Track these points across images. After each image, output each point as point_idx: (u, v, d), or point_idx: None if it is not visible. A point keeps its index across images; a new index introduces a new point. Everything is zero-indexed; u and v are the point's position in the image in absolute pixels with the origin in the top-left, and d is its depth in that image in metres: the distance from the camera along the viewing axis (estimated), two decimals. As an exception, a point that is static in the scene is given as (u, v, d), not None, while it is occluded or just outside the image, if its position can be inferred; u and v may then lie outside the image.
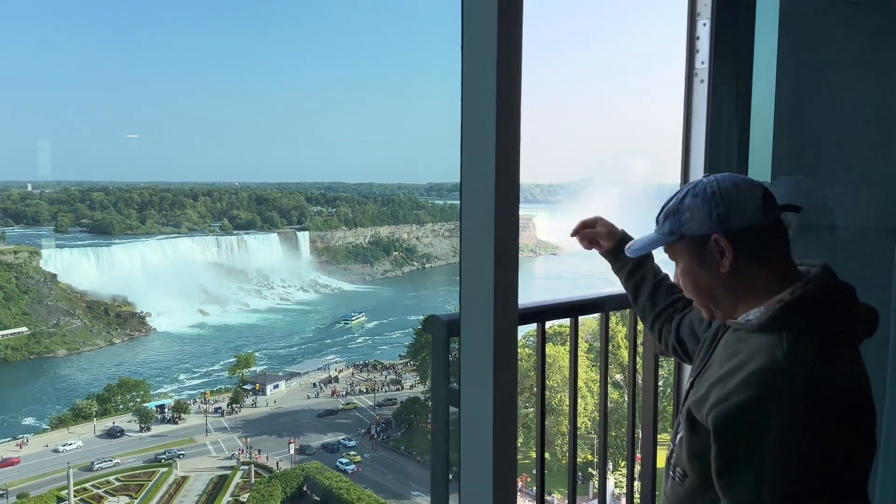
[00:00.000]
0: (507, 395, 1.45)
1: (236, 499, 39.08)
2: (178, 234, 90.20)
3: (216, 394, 54.32)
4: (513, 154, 1.40)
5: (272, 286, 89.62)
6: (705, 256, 1.55)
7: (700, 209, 1.54)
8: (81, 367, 63.72)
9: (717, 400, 1.43)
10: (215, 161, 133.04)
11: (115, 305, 73.47)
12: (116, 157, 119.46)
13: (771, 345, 1.43)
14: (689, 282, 1.61)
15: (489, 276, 1.41)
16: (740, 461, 1.39)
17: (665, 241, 1.60)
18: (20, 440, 46.18)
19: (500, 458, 1.43)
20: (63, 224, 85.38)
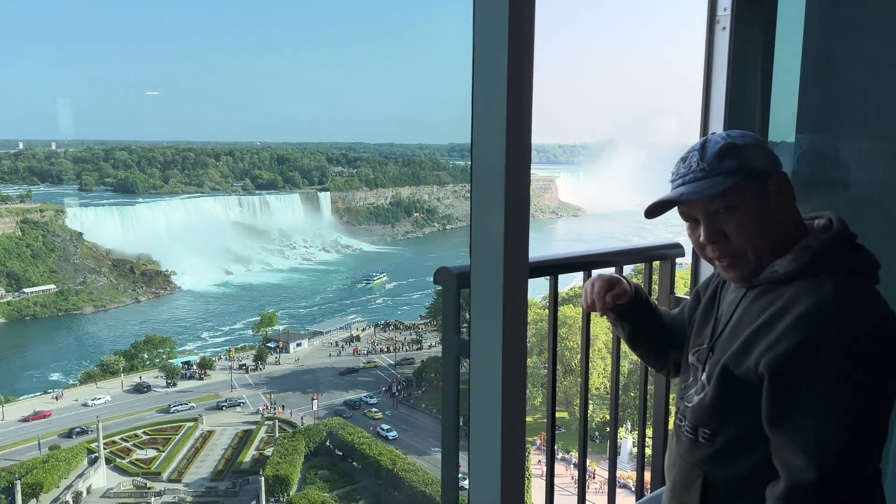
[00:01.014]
0: (517, 345, 1.45)
1: (261, 452, 40.06)
2: (200, 194, 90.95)
3: (240, 351, 55.34)
4: (525, 97, 1.37)
5: (294, 246, 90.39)
6: (768, 196, 1.52)
7: (757, 146, 1.53)
8: (108, 323, 65.13)
9: (767, 346, 1.41)
10: (236, 120, 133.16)
11: (140, 264, 74.67)
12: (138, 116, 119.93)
13: (813, 287, 1.41)
14: (754, 226, 1.51)
15: (499, 227, 1.39)
16: (802, 403, 1.37)
17: (730, 182, 1.49)
18: (55, 393, 47.62)
19: (509, 408, 1.44)
20: (87, 183, 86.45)
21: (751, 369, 1.45)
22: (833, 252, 1.48)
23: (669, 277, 2.48)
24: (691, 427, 1.62)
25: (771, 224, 1.52)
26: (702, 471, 1.60)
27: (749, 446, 1.51)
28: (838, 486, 1.35)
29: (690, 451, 1.63)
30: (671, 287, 2.54)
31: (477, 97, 1.43)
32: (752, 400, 1.46)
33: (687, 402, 1.65)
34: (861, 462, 1.37)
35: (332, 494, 35.68)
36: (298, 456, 37.89)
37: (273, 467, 36.34)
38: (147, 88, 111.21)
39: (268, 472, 35.85)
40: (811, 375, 1.35)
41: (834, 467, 1.35)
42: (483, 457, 1.50)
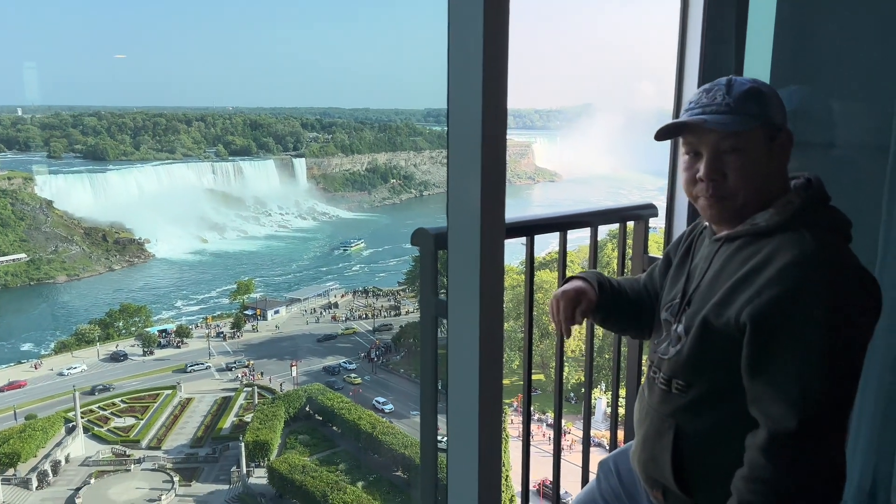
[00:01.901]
0: (494, 305, 1.46)
1: (241, 419, 40.22)
2: (173, 161, 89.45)
3: (217, 319, 55.10)
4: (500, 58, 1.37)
5: (270, 213, 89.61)
6: (774, 149, 1.54)
7: (778, 100, 1.55)
8: (81, 292, 64.35)
9: (749, 297, 1.42)
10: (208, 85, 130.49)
11: (112, 232, 73.59)
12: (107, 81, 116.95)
13: (795, 241, 1.44)
14: (755, 172, 1.52)
15: (476, 187, 1.40)
16: (784, 352, 1.39)
17: (748, 124, 1.50)
18: (34, 362, 47.20)
19: (486, 367, 1.46)
20: (56, 150, 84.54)
21: (731, 321, 1.46)
22: (813, 209, 1.51)
23: (643, 237, 2.51)
24: (665, 378, 1.64)
25: (767, 176, 1.55)
26: (674, 421, 1.62)
27: (722, 398, 1.54)
28: (818, 433, 1.39)
29: (663, 402, 1.65)
30: (644, 247, 2.57)
31: (452, 60, 1.42)
32: (730, 352, 1.47)
33: (662, 354, 1.67)
34: (840, 410, 1.41)
35: (313, 458, 36.03)
36: (278, 421, 38.11)
37: (253, 433, 36.54)
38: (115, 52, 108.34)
39: (248, 438, 36.05)
40: (793, 325, 1.38)
41: (814, 415, 1.38)
42: (461, 417, 1.52)
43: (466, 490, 1.54)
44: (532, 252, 2.02)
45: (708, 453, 1.60)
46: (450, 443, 1.56)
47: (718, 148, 1.54)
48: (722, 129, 1.52)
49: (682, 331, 1.61)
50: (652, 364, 1.72)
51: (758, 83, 1.55)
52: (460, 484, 1.56)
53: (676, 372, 1.61)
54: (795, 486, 1.41)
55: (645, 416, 1.73)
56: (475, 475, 1.50)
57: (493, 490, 1.54)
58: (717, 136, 1.53)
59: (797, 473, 1.41)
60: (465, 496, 1.55)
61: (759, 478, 1.43)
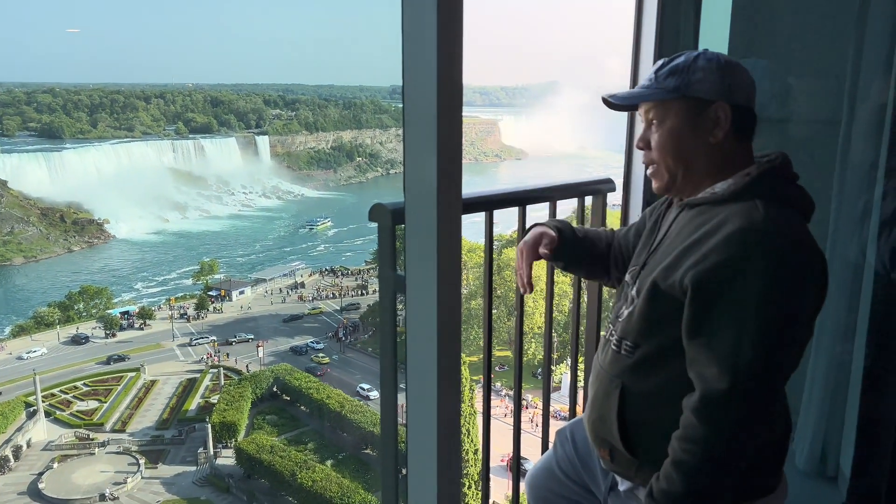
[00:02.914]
0: (452, 280, 1.47)
1: (207, 400, 39.89)
2: (131, 139, 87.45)
3: (181, 300, 54.38)
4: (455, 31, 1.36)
5: (233, 192, 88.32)
6: (699, 122, 1.55)
7: (713, 73, 1.54)
8: (39, 274, 62.82)
9: (695, 262, 1.45)
10: (166, 61, 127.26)
11: (70, 212, 71.84)
12: (61, 57, 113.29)
13: (745, 210, 1.45)
14: (670, 143, 1.57)
15: (432, 163, 1.39)
16: (722, 317, 1.42)
17: (663, 97, 1.56)
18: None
19: (444, 342, 1.47)
20: (9, 128, 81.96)
21: (676, 284, 1.48)
22: (769, 180, 1.52)
23: (601, 212, 2.53)
24: (617, 339, 1.67)
25: (691, 149, 1.57)
26: (620, 381, 1.65)
27: (666, 359, 1.56)
28: (749, 396, 1.42)
29: (613, 362, 1.68)
30: (603, 221, 2.59)
31: (406, 34, 1.40)
32: (674, 315, 1.50)
33: (618, 315, 1.70)
34: (772, 377, 1.44)
35: (281, 438, 36.00)
36: (245, 402, 37.90)
37: (219, 414, 36.30)
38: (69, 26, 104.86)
39: (214, 419, 35.81)
40: (733, 291, 1.40)
41: (745, 378, 1.41)
42: (419, 392, 1.53)
43: (426, 464, 1.55)
44: (491, 227, 2.02)
45: (651, 414, 1.63)
46: (409, 418, 1.57)
47: (647, 119, 1.61)
48: (619, 101, 1.63)
49: (636, 293, 1.64)
50: (609, 326, 1.76)
51: (701, 57, 1.56)
52: (420, 460, 1.57)
53: (627, 333, 1.64)
54: (726, 446, 1.44)
55: (596, 377, 1.76)
56: (434, 450, 1.52)
57: (452, 465, 1.55)
58: (645, 108, 1.61)
59: (727, 434, 1.44)
60: (425, 470, 1.56)
61: (691, 437, 1.46)
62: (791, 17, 2.83)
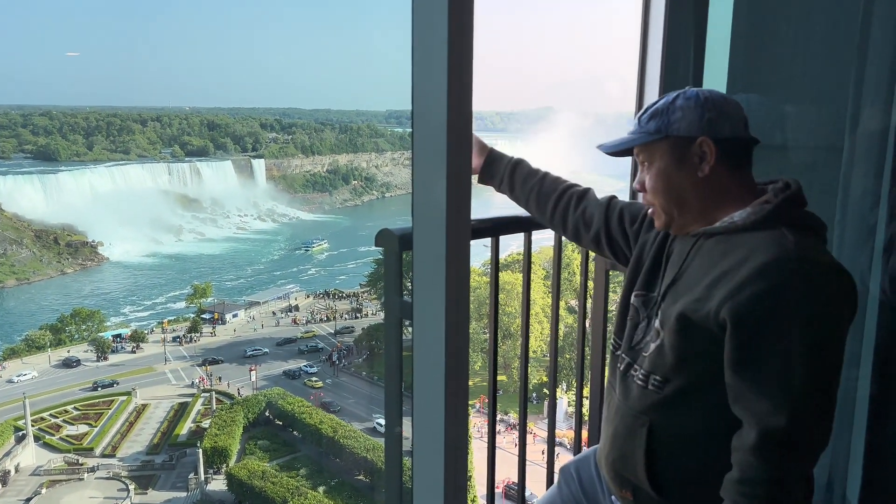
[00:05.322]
0: (460, 306, 1.45)
1: (198, 425, 39.49)
2: (127, 161, 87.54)
3: (174, 323, 54.05)
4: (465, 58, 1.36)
5: (228, 215, 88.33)
6: (685, 159, 1.55)
7: (692, 111, 1.55)
8: (31, 297, 62.40)
9: (729, 293, 1.41)
10: (164, 84, 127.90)
11: (64, 234, 71.63)
12: (58, 79, 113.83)
13: (774, 238, 1.43)
14: (660, 184, 1.59)
15: (441, 189, 1.38)
16: (768, 349, 1.38)
17: (647, 139, 1.58)
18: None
19: (452, 370, 1.44)
20: (5, 150, 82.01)
21: (710, 316, 1.44)
22: (791, 209, 1.51)
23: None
24: (644, 374, 1.62)
25: (682, 187, 1.57)
26: (648, 419, 1.60)
27: (698, 395, 1.53)
28: (807, 428, 1.38)
29: (639, 398, 1.62)
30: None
31: (417, 60, 1.40)
32: (707, 348, 1.47)
33: (643, 350, 1.65)
34: (826, 404, 1.40)
35: (273, 464, 35.57)
36: (237, 427, 37.52)
37: (211, 439, 35.90)
38: (67, 49, 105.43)
39: (206, 444, 35.40)
40: (777, 321, 1.37)
41: (803, 410, 1.37)
42: (426, 421, 1.50)
43: (432, 494, 1.52)
44: (497, 253, 2.01)
45: (682, 452, 1.59)
46: (415, 446, 1.54)
47: (640, 162, 1.64)
48: (606, 150, 1.68)
49: (659, 325, 1.60)
50: (626, 359, 1.70)
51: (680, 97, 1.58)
52: (426, 487, 1.54)
53: (656, 368, 1.59)
54: (790, 485, 1.40)
55: (615, 414, 1.71)
56: (441, 478, 1.49)
57: (459, 493, 1.52)
58: (636, 153, 1.64)
59: (792, 472, 1.40)
60: (431, 500, 1.53)
61: (751, 479, 1.41)
62: (792, 45, 2.86)
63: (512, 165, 2.08)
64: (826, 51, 2.77)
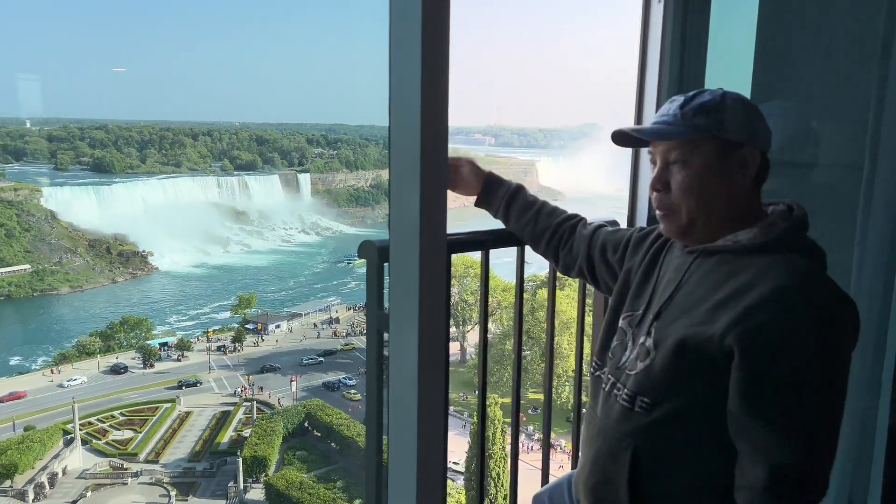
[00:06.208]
0: (434, 318, 1.45)
1: (239, 433, 40.05)
2: (178, 174, 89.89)
3: (218, 332, 55.09)
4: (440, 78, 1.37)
5: (273, 228, 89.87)
6: (727, 166, 1.47)
7: (741, 114, 1.48)
8: (84, 304, 64.36)
9: (736, 320, 1.34)
10: (215, 100, 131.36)
11: (116, 244, 73.80)
12: (115, 94, 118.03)
13: (784, 264, 1.38)
14: (697, 186, 1.48)
15: (415, 203, 1.39)
16: (778, 382, 1.32)
17: (694, 135, 1.47)
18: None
19: (425, 380, 1.44)
20: (63, 162, 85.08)
21: (713, 341, 1.37)
22: (799, 234, 1.47)
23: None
24: (629, 395, 1.54)
25: (716, 194, 1.49)
26: (632, 441, 1.53)
27: (688, 421, 1.47)
28: (819, 465, 1.34)
29: (623, 420, 1.55)
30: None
31: (393, 77, 1.42)
32: (705, 373, 1.41)
33: (628, 369, 1.57)
34: (836, 439, 1.35)
35: (310, 475, 35.82)
36: (276, 437, 37.95)
37: (251, 448, 36.38)
38: (125, 65, 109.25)
39: (245, 453, 35.88)
40: (788, 351, 1.31)
41: (816, 447, 1.33)
42: (400, 434, 1.50)
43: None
44: (487, 266, 2.01)
45: (666, 479, 1.52)
46: (391, 459, 1.54)
47: (667, 158, 1.51)
48: (652, 138, 1.52)
49: (652, 345, 1.52)
50: (614, 379, 1.63)
51: (721, 97, 1.49)
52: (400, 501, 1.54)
53: (644, 389, 1.51)
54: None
55: (596, 435, 1.64)
56: (413, 494, 1.48)
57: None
58: (666, 147, 1.51)
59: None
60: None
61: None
62: (814, 60, 2.79)
63: (509, 196, 2.01)
64: (847, 67, 2.70)
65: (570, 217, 2.00)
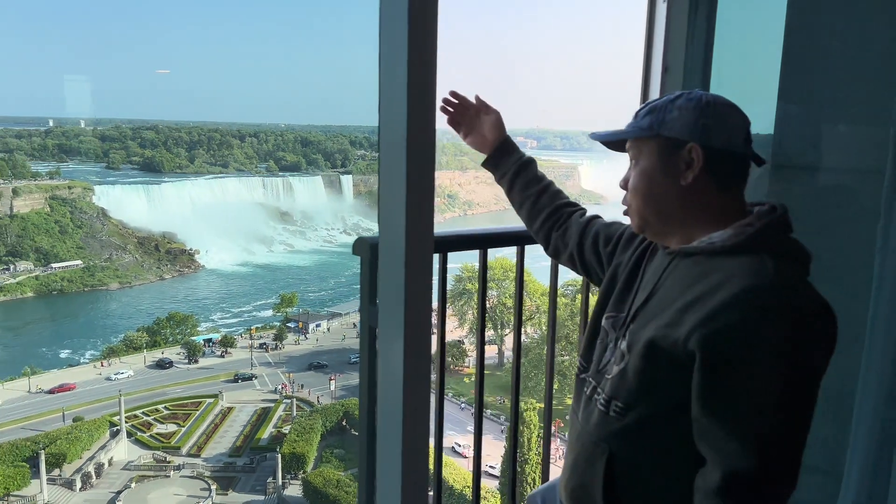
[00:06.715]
0: (420, 317, 1.47)
1: (279, 430, 40.61)
2: (225, 174, 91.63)
3: (261, 330, 55.98)
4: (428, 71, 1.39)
5: (316, 228, 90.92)
6: (671, 162, 1.47)
7: (689, 113, 1.46)
8: (132, 300, 66.13)
9: (700, 321, 1.31)
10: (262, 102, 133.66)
11: (165, 242, 75.60)
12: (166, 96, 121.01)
13: (752, 265, 1.34)
14: (642, 185, 1.52)
15: (401, 202, 1.41)
16: (739, 384, 1.29)
17: (637, 134, 1.51)
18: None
19: (411, 377, 1.46)
20: (115, 161, 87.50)
21: (679, 343, 1.34)
22: (774, 234, 1.43)
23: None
24: (606, 399, 1.52)
25: (662, 192, 1.49)
26: (608, 446, 1.51)
27: (661, 425, 1.44)
28: (776, 471, 1.30)
29: (600, 424, 1.54)
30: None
31: (382, 80, 1.44)
32: (674, 376, 1.37)
33: (607, 372, 1.56)
34: (797, 447, 1.32)
35: (347, 473, 36.09)
36: (315, 434, 38.36)
37: (290, 445, 36.85)
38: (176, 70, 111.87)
39: (285, 450, 36.36)
40: (750, 354, 1.28)
41: (772, 452, 1.29)
42: (388, 432, 1.52)
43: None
44: (485, 264, 2.02)
45: (641, 484, 1.51)
46: (378, 455, 1.56)
47: (630, 157, 1.56)
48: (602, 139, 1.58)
49: (626, 348, 1.50)
50: (594, 383, 1.61)
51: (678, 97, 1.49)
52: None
53: (618, 392, 1.49)
54: None
55: (577, 440, 1.63)
56: (398, 491, 1.50)
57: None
58: (628, 148, 1.56)
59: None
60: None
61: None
62: (842, 63, 2.73)
63: (520, 165, 1.98)
64: (872, 69, 2.64)
65: (571, 203, 2.00)
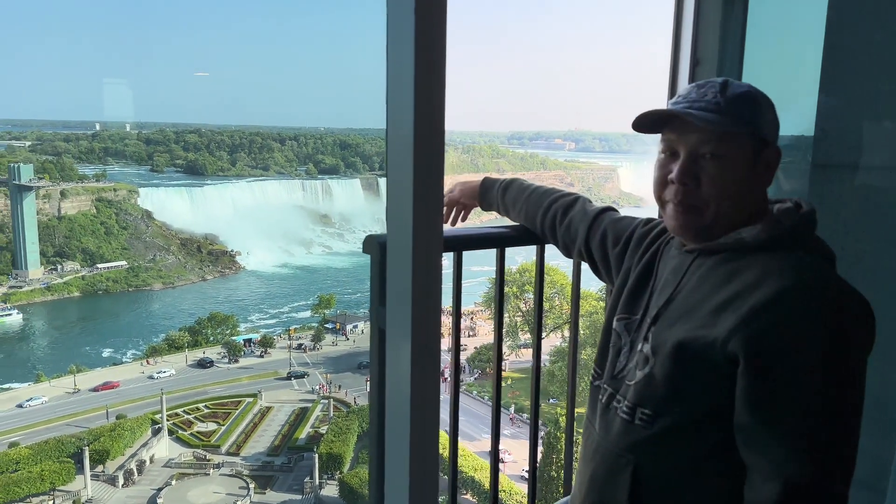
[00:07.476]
0: (428, 317, 1.44)
1: (316, 430, 41.01)
2: (266, 177, 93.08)
3: (300, 331, 56.66)
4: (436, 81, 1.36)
5: (354, 230, 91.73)
6: (758, 163, 1.40)
7: (772, 112, 1.42)
8: (174, 300, 67.58)
9: (740, 322, 1.25)
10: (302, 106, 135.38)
11: (207, 243, 77.12)
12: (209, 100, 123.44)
13: (791, 262, 1.30)
14: (732, 183, 1.38)
15: (408, 200, 1.39)
16: (787, 389, 1.23)
17: (732, 127, 1.36)
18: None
19: (418, 379, 1.43)
20: (159, 164, 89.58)
21: (716, 346, 1.28)
22: (807, 232, 1.38)
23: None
24: (630, 407, 1.44)
25: (745, 192, 1.40)
26: (633, 458, 1.42)
27: (692, 434, 1.37)
28: (834, 479, 1.24)
29: (622, 434, 1.45)
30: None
31: (390, 80, 1.42)
32: (709, 381, 1.32)
33: (627, 378, 1.47)
34: (853, 450, 1.25)
35: (383, 475, 36.26)
36: (351, 435, 38.63)
37: (327, 445, 37.18)
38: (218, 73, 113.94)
39: (322, 450, 36.70)
40: (797, 355, 1.23)
41: (829, 457, 1.24)
42: (394, 434, 1.50)
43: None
44: (503, 263, 1.99)
45: (670, 497, 1.42)
46: (387, 461, 1.54)
47: (697, 150, 1.39)
48: (707, 126, 1.37)
49: (650, 351, 1.42)
50: (608, 390, 1.53)
51: (754, 90, 1.41)
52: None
53: (644, 399, 1.41)
54: None
55: (594, 453, 1.54)
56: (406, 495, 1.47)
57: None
58: (699, 137, 1.39)
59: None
60: None
61: None
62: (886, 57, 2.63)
63: (502, 190, 2.03)
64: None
65: (564, 195, 1.94)
